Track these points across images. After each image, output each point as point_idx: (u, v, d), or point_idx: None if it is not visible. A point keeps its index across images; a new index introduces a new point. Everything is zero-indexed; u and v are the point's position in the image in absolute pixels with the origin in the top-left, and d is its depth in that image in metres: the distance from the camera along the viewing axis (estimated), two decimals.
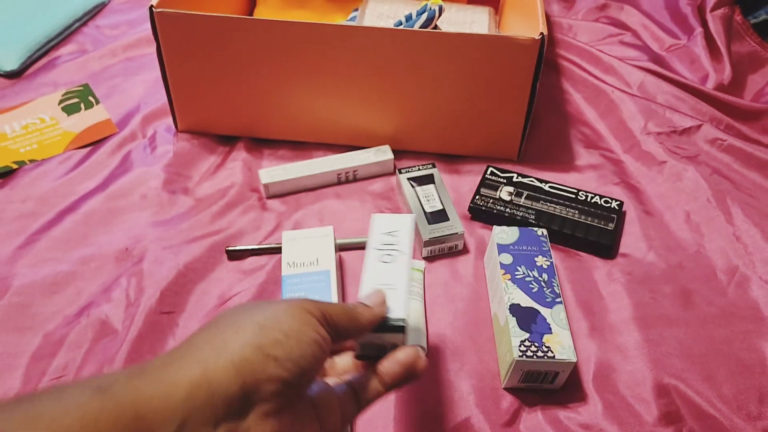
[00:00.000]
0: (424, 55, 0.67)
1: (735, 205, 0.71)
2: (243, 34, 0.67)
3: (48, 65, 0.92)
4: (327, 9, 0.97)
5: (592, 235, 0.66)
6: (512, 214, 0.68)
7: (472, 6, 0.93)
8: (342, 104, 0.73)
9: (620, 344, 0.59)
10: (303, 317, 0.32)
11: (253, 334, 0.30)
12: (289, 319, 0.31)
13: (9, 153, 0.78)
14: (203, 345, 0.30)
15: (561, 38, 0.97)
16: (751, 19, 0.93)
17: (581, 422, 0.53)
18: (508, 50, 0.66)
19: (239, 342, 0.30)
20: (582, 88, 0.89)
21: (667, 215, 0.71)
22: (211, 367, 0.29)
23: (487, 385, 0.56)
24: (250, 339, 0.30)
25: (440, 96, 0.71)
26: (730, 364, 0.57)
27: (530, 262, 0.58)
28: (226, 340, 0.30)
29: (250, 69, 0.71)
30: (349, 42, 0.67)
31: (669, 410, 0.54)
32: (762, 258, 0.66)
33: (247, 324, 0.31)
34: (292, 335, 0.31)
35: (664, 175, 0.75)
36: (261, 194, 0.73)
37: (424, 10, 0.75)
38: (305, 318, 0.32)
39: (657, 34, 0.98)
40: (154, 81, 0.88)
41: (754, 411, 0.54)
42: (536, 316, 0.54)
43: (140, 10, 1.04)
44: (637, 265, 0.66)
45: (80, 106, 0.85)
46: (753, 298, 0.63)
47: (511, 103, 0.71)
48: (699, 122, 0.81)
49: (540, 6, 0.69)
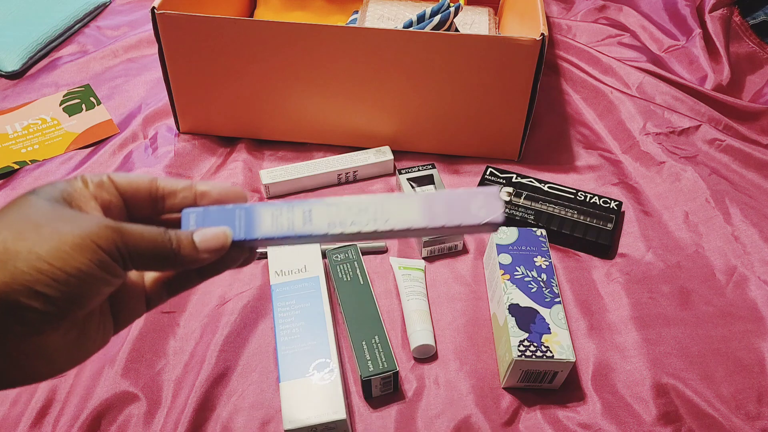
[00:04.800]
0: (424, 56, 0.67)
1: (733, 205, 0.71)
2: (244, 36, 0.68)
3: (49, 66, 0.92)
4: (327, 10, 0.98)
5: (591, 235, 0.66)
6: (511, 214, 0.68)
7: (472, 7, 0.93)
8: (342, 105, 0.74)
9: (619, 344, 0.59)
10: (90, 255, 0.26)
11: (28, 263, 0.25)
12: (72, 259, 0.26)
13: (10, 153, 0.78)
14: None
15: (560, 39, 0.97)
16: (750, 20, 0.94)
17: (580, 422, 0.53)
18: (509, 51, 0.66)
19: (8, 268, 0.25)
20: (581, 89, 0.89)
21: (665, 215, 0.71)
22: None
23: (487, 385, 0.56)
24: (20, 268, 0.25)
25: (440, 97, 0.71)
26: (728, 364, 0.57)
27: (529, 262, 0.58)
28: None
29: (251, 70, 0.71)
30: (349, 43, 0.67)
31: (668, 410, 0.54)
32: (760, 258, 0.66)
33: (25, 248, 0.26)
34: (69, 270, 0.26)
35: (662, 176, 0.76)
36: (262, 195, 0.73)
37: (438, 9, 0.74)
38: (92, 256, 0.27)
39: (656, 35, 0.98)
40: (155, 82, 0.89)
41: (753, 411, 0.54)
42: (535, 316, 0.54)
43: (141, 11, 1.04)
44: (635, 265, 0.66)
45: (81, 106, 0.85)
46: (751, 298, 0.63)
47: (511, 104, 0.71)
48: (698, 123, 0.81)
49: (540, 6, 0.69)
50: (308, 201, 0.32)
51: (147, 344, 0.58)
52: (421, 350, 0.57)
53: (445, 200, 0.31)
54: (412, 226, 0.31)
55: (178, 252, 0.30)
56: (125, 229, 0.28)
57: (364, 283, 0.59)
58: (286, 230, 0.32)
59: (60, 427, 0.52)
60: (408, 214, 0.31)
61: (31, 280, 0.25)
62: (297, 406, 0.50)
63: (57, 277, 0.26)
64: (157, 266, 0.31)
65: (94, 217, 0.28)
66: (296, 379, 0.51)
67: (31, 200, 0.28)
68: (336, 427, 0.50)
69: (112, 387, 0.55)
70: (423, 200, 0.31)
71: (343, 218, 0.32)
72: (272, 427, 0.53)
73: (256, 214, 0.32)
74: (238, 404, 0.54)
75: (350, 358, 0.57)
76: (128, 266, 0.29)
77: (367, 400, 0.55)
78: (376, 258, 0.66)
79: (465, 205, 0.31)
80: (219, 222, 0.32)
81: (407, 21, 0.76)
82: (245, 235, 0.32)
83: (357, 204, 0.32)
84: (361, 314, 0.57)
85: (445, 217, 0.31)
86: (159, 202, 0.33)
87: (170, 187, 0.33)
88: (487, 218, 0.31)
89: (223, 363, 0.57)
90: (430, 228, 0.31)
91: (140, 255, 0.29)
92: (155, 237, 0.29)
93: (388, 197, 0.32)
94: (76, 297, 0.27)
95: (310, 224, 0.32)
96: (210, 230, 0.31)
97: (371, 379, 0.52)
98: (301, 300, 0.57)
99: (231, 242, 0.31)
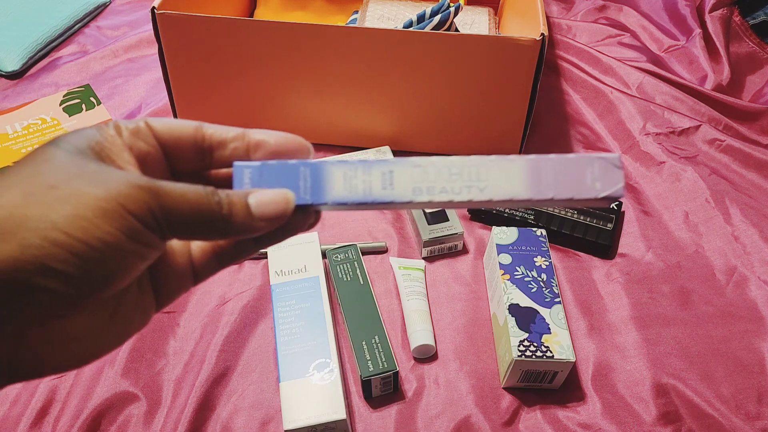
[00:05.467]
0: (424, 56, 0.67)
1: (733, 205, 0.71)
2: (244, 36, 0.68)
3: (49, 66, 0.92)
4: (327, 10, 0.98)
5: (591, 235, 0.66)
6: (511, 214, 0.68)
7: (472, 7, 0.93)
8: (342, 105, 0.74)
9: (619, 344, 0.59)
10: (118, 223, 0.21)
11: (40, 234, 0.20)
12: (95, 228, 0.21)
13: (10, 153, 0.78)
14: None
15: (560, 39, 0.97)
16: (750, 20, 0.94)
17: (580, 422, 0.53)
18: (509, 51, 0.66)
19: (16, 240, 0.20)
20: (581, 89, 0.89)
21: (665, 215, 0.71)
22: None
23: (487, 385, 0.56)
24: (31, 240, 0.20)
25: (440, 97, 0.71)
26: (728, 364, 0.57)
27: (529, 262, 0.58)
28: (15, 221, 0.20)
29: (251, 70, 0.71)
30: (349, 43, 0.67)
31: (668, 410, 0.54)
32: (760, 258, 0.66)
33: (36, 214, 0.21)
34: (91, 242, 0.21)
35: (662, 176, 0.76)
36: None
37: (438, 9, 0.74)
38: (120, 223, 0.22)
39: (656, 35, 0.98)
40: (155, 82, 0.89)
41: (753, 411, 0.54)
42: (535, 316, 0.54)
43: (141, 11, 1.04)
44: (635, 265, 0.66)
45: (81, 106, 0.85)
46: (751, 298, 0.63)
47: (511, 104, 0.71)
48: (697, 123, 0.81)
49: (540, 6, 0.69)
50: (388, 160, 0.27)
51: (147, 344, 0.58)
52: (421, 350, 0.57)
53: (554, 167, 0.26)
54: (515, 197, 0.26)
55: (228, 219, 0.24)
56: (163, 189, 0.23)
57: (364, 283, 0.59)
58: (361, 195, 0.26)
59: (60, 427, 0.52)
60: (510, 183, 0.26)
61: (45, 254, 0.20)
62: (297, 406, 0.50)
63: (76, 250, 0.21)
64: (203, 235, 0.25)
65: (124, 174, 0.23)
66: (296, 379, 0.51)
67: (50, 152, 0.23)
68: (336, 427, 0.50)
69: (112, 387, 0.55)
70: (529, 166, 0.26)
71: (431, 183, 0.26)
72: (272, 427, 0.53)
73: (325, 173, 0.27)
74: (238, 404, 0.54)
75: (350, 358, 0.57)
76: (167, 235, 0.23)
77: (367, 400, 0.55)
78: (376, 258, 0.66)
79: (578, 173, 0.26)
80: (279, 181, 0.27)
81: (407, 21, 0.76)
82: (312, 199, 0.26)
83: (449, 166, 0.27)
84: (361, 314, 0.57)
85: (555, 188, 0.26)
86: (206, 153, 0.27)
87: (219, 135, 0.27)
88: (605, 192, 0.26)
89: (223, 363, 0.57)
90: (536, 200, 0.26)
91: (182, 222, 0.23)
92: (200, 199, 0.24)
93: (487, 160, 0.27)
94: (101, 275, 0.22)
95: (390, 189, 0.26)
96: (268, 193, 0.25)
97: (371, 379, 0.52)
98: (301, 300, 0.57)
99: (294, 207, 0.26)
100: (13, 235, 0.20)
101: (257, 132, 0.28)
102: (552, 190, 0.26)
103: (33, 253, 0.20)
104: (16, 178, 0.22)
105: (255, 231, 0.25)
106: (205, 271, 0.28)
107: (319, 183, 0.27)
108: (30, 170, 0.22)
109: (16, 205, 0.21)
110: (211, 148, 0.27)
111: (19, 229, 0.20)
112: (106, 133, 0.25)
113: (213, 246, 0.28)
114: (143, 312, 0.26)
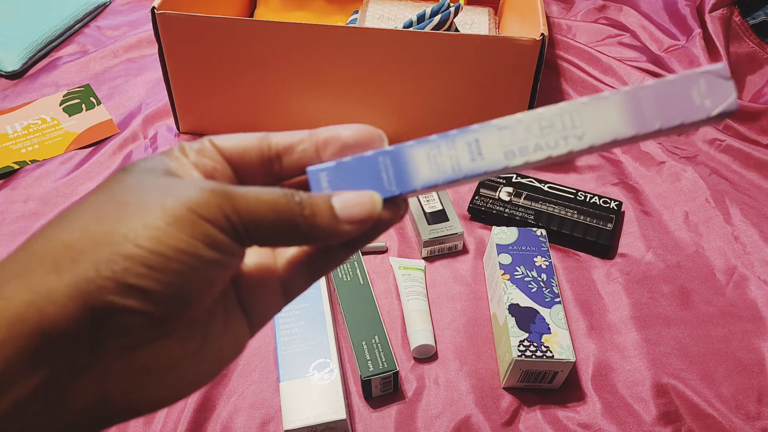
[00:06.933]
0: (424, 56, 0.67)
1: (733, 205, 0.71)
2: (244, 36, 0.68)
3: (49, 66, 0.92)
4: (327, 11, 0.98)
5: (591, 235, 0.66)
6: (511, 214, 0.68)
7: (472, 7, 0.93)
8: (342, 105, 0.74)
9: (619, 344, 0.59)
10: (191, 229, 0.21)
11: (112, 249, 0.20)
12: (167, 237, 0.20)
13: (10, 153, 0.78)
14: (42, 257, 0.20)
15: (560, 39, 0.97)
16: (750, 20, 0.94)
17: (580, 422, 0.53)
18: (509, 51, 0.66)
19: (90, 259, 0.20)
20: (581, 89, 0.89)
21: (665, 215, 0.71)
22: (43, 291, 0.19)
23: (487, 385, 0.56)
24: (103, 256, 0.20)
25: (441, 97, 0.71)
26: (728, 364, 0.57)
27: (529, 262, 0.58)
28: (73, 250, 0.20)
29: (252, 70, 0.71)
30: (349, 43, 0.67)
31: (668, 410, 0.54)
32: (760, 258, 0.66)
33: (107, 230, 0.20)
34: (165, 252, 0.20)
35: (662, 176, 0.76)
36: None
37: (438, 9, 0.74)
38: (193, 230, 0.21)
39: (656, 35, 0.98)
40: (155, 82, 0.89)
41: (753, 411, 0.54)
42: (535, 316, 0.54)
43: (141, 11, 1.04)
44: (635, 265, 0.66)
45: (81, 106, 0.85)
46: (751, 298, 0.63)
47: (511, 104, 0.71)
48: None
49: (540, 6, 0.69)
50: (469, 129, 0.25)
51: None
52: (421, 350, 0.57)
53: (654, 94, 0.24)
54: (618, 136, 0.24)
55: (312, 221, 0.23)
56: (235, 191, 0.22)
57: (364, 283, 0.59)
58: (450, 172, 0.25)
59: None
60: (609, 122, 0.24)
61: (120, 270, 0.19)
62: (297, 406, 0.50)
63: (151, 262, 0.20)
64: (284, 240, 0.23)
65: (193, 182, 0.22)
66: (296, 379, 0.51)
67: (120, 175, 0.22)
68: (336, 427, 0.50)
69: None
70: (626, 99, 0.24)
71: (522, 143, 0.24)
72: (272, 427, 0.53)
73: (406, 157, 0.25)
74: (238, 404, 0.54)
75: (350, 358, 0.57)
76: (245, 241, 0.22)
77: (367, 400, 0.55)
78: (376, 258, 0.66)
79: (683, 95, 0.23)
80: (360, 177, 0.25)
81: (407, 21, 0.76)
82: (398, 189, 0.25)
83: (537, 120, 0.24)
84: (361, 314, 0.57)
85: (660, 116, 0.24)
86: (274, 163, 0.26)
87: (285, 141, 0.26)
88: (718, 108, 0.23)
89: None
90: (642, 135, 0.24)
91: (260, 225, 0.22)
92: (277, 200, 0.23)
93: (578, 103, 0.24)
94: (182, 288, 0.20)
95: (480, 159, 0.25)
96: (352, 195, 0.24)
97: (371, 379, 0.52)
98: (301, 300, 0.57)
99: (381, 203, 0.24)
100: (85, 255, 0.20)
101: (324, 130, 0.26)
102: (658, 120, 0.24)
103: (109, 270, 0.19)
104: (89, 200, 0.21)
105: (341, 235, 0.24)
106: (296, 285, 0.27)
107: (402, 170, 0.25)
108: (102, 192, 0.22)
109: (89, 225, 0.20)
110: (278, 155, 0.26)
111: (91, 249, 0.20)
112: (173, 155, 0.24)
113: (301, 256, 0.27)
114: (235, 338, 0.25)
